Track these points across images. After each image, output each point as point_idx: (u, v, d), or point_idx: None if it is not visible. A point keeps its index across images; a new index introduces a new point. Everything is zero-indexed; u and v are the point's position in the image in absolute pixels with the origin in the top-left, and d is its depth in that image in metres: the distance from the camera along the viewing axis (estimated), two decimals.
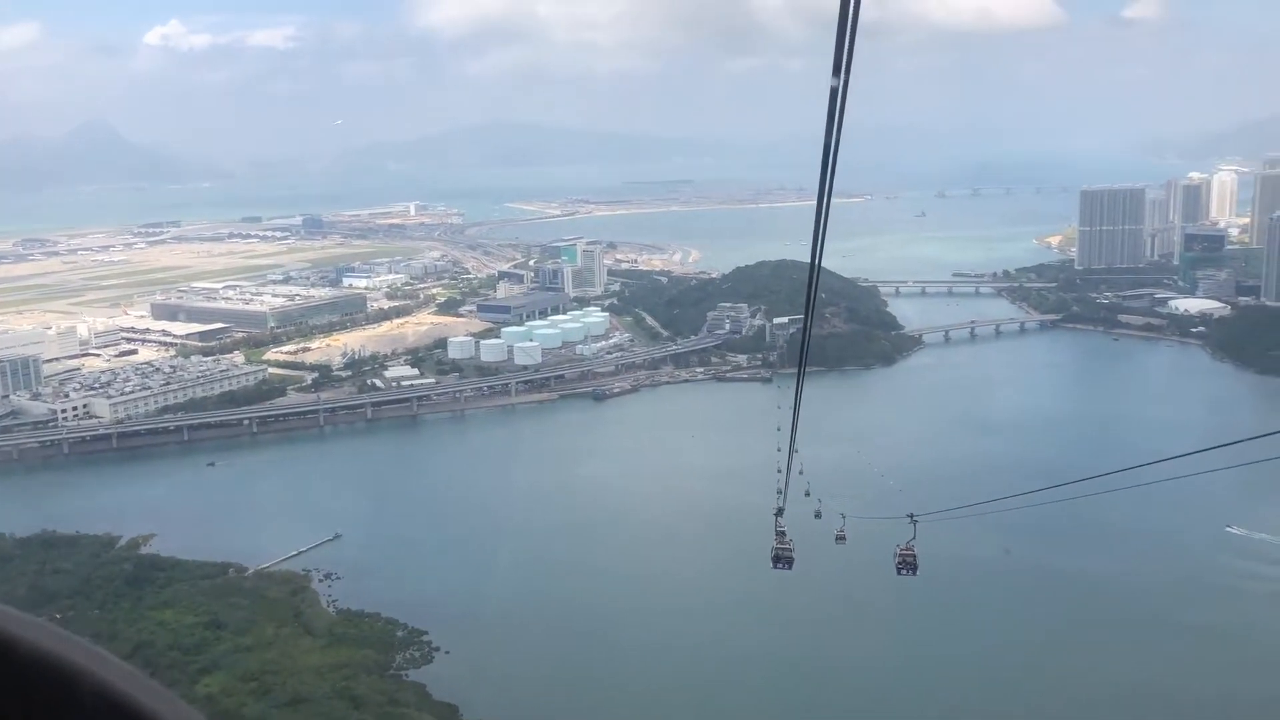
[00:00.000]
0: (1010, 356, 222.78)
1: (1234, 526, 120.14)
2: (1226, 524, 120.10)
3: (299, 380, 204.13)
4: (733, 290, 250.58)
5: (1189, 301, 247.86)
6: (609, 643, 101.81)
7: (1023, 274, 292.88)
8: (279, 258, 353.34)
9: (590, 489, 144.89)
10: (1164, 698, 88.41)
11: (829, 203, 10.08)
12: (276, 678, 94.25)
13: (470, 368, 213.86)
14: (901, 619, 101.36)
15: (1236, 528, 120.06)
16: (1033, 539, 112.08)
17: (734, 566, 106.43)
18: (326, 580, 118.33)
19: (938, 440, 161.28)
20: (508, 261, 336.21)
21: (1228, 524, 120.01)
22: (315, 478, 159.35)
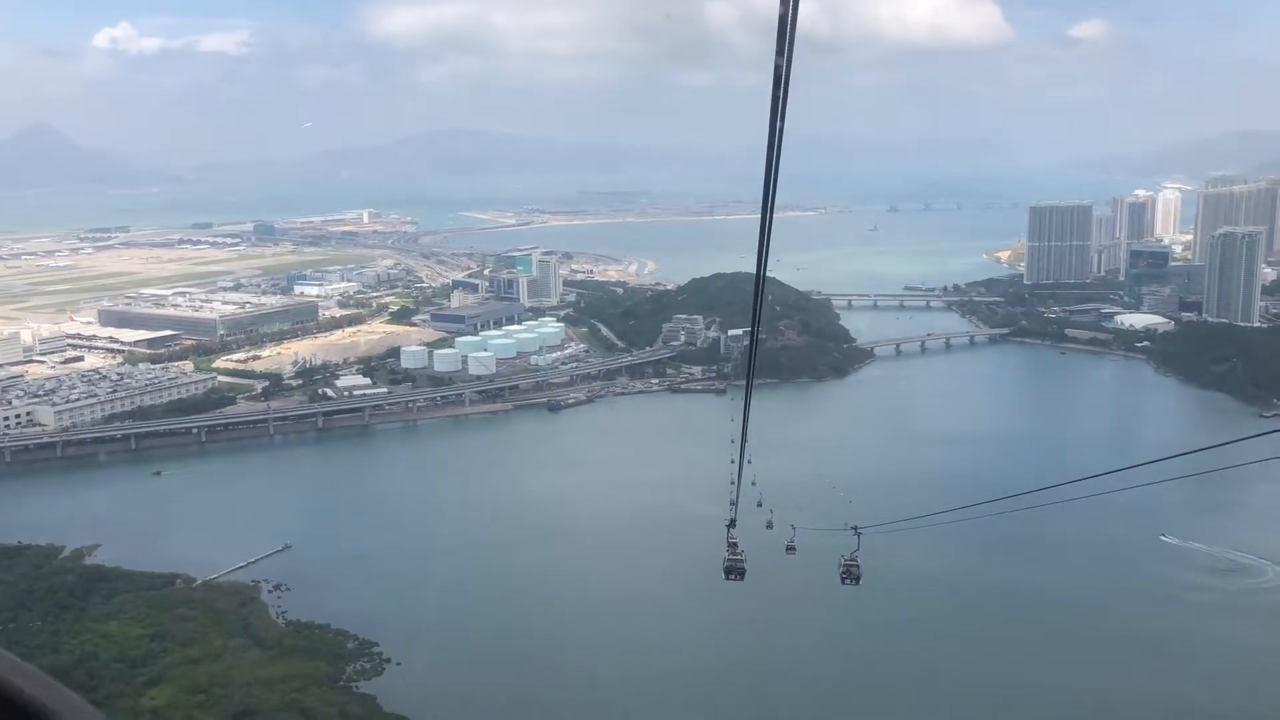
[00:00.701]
0: (959, 370, 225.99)
1: (1168, 535, 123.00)
2: (1160, 533, 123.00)
3: (249, 389, 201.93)
4: (688, 302, 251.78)
5: (1134, 317, 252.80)
6: (560, 654, 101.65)
7: (973, 288, 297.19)
8: (230, 264, 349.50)
9: (544, 500, 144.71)
10: (1095, 707, 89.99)
11: (772, 216, 10.19)
12: (225, 690, 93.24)
13: (424, 377, 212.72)
14: (844, 628, 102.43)
15: (1170, 536, 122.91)
16: (975, 550, 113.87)
17: (686, 577, 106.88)
18: (276, 591, 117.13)
19: (888, 452, 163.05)
20: (462, 271, 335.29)
21: (1161, 533, 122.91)
22: (265, 488, 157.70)
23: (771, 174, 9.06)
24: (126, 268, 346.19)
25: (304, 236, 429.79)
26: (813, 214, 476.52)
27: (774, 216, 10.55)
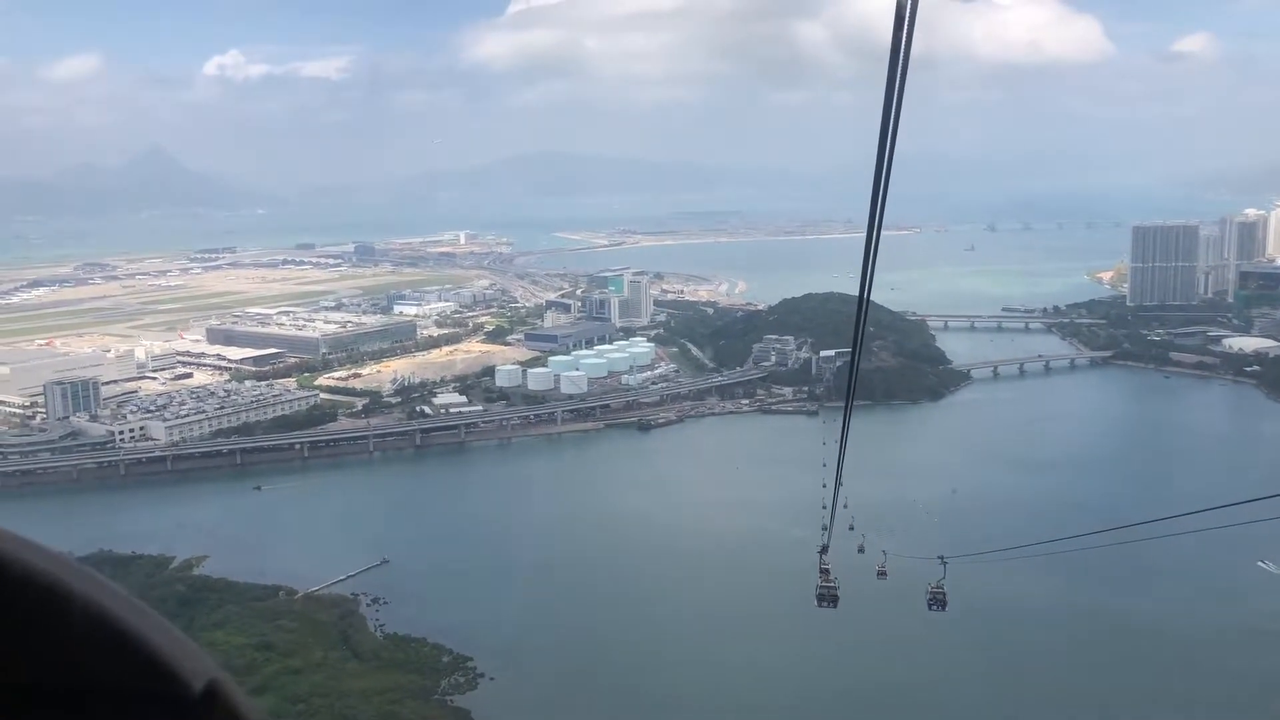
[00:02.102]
0: (1059, 393, 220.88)
1: (1265, 562, 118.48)
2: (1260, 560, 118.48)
3: (349, 406, 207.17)
4: (779, 322, 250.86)
5: (1243, 340, 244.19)
6: (651, 674, 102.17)
7: (1073, 310, 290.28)
8: (331, 284, 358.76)
9: (635, 520, 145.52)
10: None
11: (879, 235, 10.03)
12: (324, 700, 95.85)
13: (517, 396, 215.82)
14: (933, 653, 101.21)
15: (1268, 563, 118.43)
16: (1075, 578, 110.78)
17: (778, 602, 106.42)
18: (374, 604, 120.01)
19: (983, 477, 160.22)
20: (555, 291, 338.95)
21: (1260, 560, 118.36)
22: (364, 503, 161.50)
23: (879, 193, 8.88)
24: (233, 287, 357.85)
25: (402, 257, 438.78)
26: (908, 233, 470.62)
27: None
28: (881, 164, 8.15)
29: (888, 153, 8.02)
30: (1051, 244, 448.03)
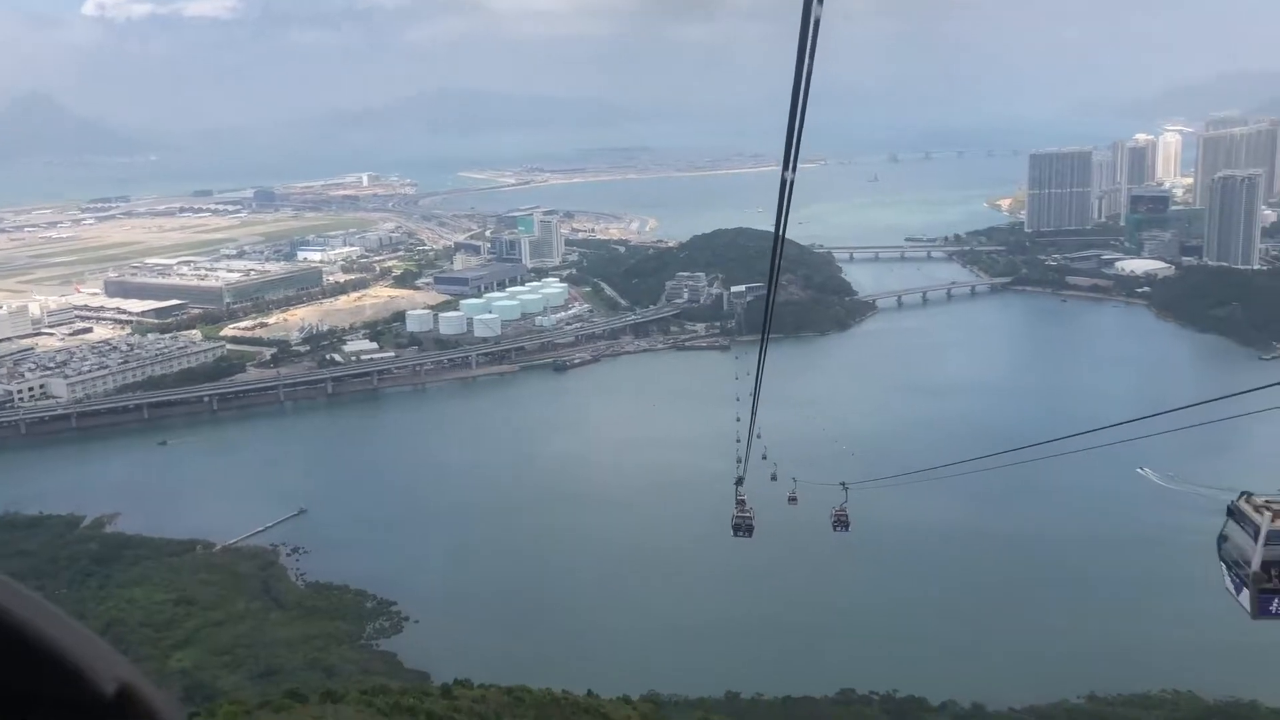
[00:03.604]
0: (961, 320, 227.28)
1: (1144, 469, 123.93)
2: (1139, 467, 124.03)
3: (257, 356, 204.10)
4: (690, 259, 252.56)
5: (1135, 262, 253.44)
6: (573, 610, 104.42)
7: (973, 237, 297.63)
8: (232, 232, 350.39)
9: (553, 460, 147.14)
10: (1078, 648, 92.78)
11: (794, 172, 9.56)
12: (249, 650, 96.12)
13: (429, 341, 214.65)
14: (839, 574, 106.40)
15: (1146, 470, 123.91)
16: (970, 498, 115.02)
17: (694, 534, 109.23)
18: (294, 554, 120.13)
19: (889, 404, 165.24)
20: (463, 232, 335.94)
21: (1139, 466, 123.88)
22: (278, 454, 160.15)
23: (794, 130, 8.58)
24: (129, 238, 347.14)
25: (304, 202, 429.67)
26: (813, 165, 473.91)
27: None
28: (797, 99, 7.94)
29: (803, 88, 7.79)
30: (952, 173, 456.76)
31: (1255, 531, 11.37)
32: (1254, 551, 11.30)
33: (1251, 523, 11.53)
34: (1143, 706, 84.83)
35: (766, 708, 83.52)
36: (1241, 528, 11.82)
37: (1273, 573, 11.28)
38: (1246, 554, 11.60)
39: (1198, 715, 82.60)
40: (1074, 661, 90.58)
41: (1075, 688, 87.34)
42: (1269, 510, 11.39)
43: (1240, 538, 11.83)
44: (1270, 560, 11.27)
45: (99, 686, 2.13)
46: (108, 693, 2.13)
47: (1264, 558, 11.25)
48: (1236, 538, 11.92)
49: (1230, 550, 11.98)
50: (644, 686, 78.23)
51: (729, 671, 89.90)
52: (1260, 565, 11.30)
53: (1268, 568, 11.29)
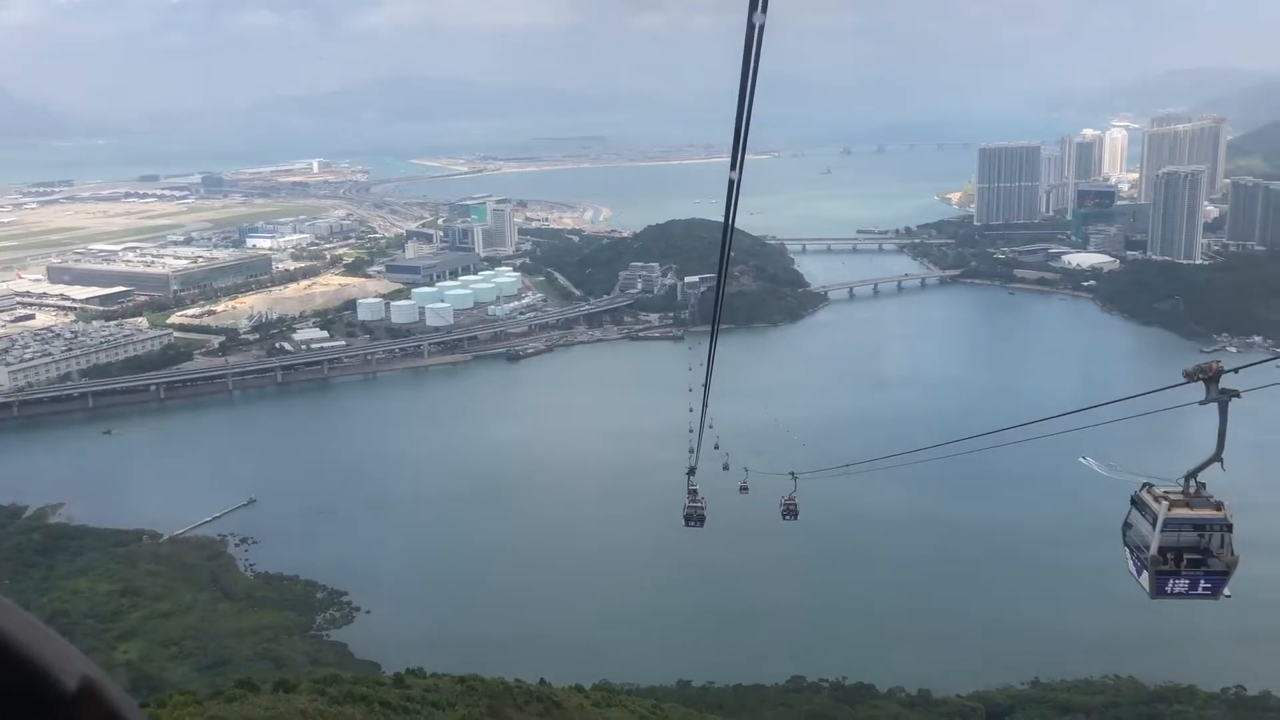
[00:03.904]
0: (911, 312, 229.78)
1: (1085, 458, 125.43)
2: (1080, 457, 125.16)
3: (205, 344, 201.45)
4: (644, 249, 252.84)
5: (1081, 256, 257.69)
6: (524, 600, 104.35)
7: (924, 230, 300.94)
8: (179, 218, 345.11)
9: (505, 450, 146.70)
10: (1016, 631, 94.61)
11: (743, 163, 9.75)
12: (197, 642, 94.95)
13: (381, 329, 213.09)
14: (789, 560, 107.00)
15: (1088, 459, 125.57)
16: (920, 488, 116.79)
17: (646, 524, 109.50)
18: (243, 545, 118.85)
19: (839, 395, 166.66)
20: (415, 220, 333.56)
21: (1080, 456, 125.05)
22: (226, 443, 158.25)
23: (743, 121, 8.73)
24: (73, 223, 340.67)
25: (253, 188, 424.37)
26: (766, 157, 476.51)
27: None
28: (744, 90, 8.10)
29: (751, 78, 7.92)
30: (903, 166, 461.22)
31: (1154, 519, 12.50)
32: (1152, 537, 12.42)
33: (1151, 511, 12.68)
34: (1085, 692, 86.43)
35: (717, 696, 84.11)
36: (1143, 516, 12.95)
37: (1168, 556, 12.45)
38: (1146, 539, 12.71)
39: (1139, 700, 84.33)
40: (1019, 647, 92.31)
41: (1020, 673, 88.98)
42: (1166, 500, 12.51)
43: (1141, 525, 12.94)
44: (1166, 545, 12.43)
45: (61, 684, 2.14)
46: (69, 689, 2.15)
47: (1160, 543, 12.36)
48: (1138, 525, 13.03)
49: (1133, 536, 13.15)
50: (596, 675, 78.48)
51: (680, 660, 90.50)
52: (1158, 549, 12.43)
53: (1164, 552, 12.46)
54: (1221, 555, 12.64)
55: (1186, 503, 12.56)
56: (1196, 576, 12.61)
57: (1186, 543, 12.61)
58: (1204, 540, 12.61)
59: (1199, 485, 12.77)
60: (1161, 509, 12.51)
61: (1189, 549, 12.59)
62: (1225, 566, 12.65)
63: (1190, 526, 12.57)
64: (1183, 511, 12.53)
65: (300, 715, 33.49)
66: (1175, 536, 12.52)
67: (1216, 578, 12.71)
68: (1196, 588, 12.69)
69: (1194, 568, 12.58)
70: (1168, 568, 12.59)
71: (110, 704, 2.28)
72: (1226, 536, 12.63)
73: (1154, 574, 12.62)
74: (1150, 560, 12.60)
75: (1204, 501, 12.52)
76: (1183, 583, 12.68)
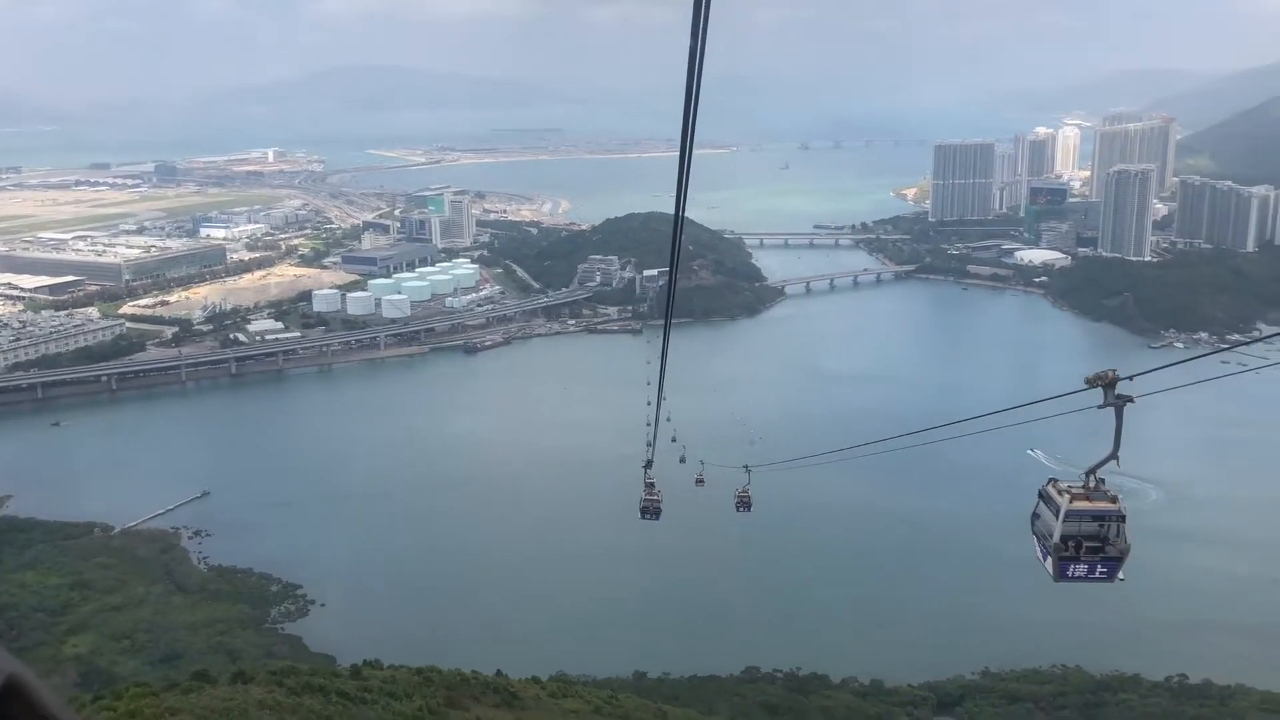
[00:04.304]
0: (866, 307, 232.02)
1: (1034, 450, 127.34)
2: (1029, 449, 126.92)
3: (158, 335, 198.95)
4: (603, 242, 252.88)
5: (1033, 252, 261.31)
6: (479, 594, 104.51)
7: (880, 226, 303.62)
8: (131, 206, 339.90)
9: (462, 443, 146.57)
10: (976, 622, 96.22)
11: (690, 158, 10.21)
12: (149, 635, 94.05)
13: (337, 321, 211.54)
14: (744, 552, 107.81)
15: (1036, 451, 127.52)
16: (875, 481, 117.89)
17: (602, 517, 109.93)
18: (196, 537, 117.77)
19: (796, 389, 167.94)
20: (372, 211, 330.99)
21: (1029, 449, 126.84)
22: (180, 434, 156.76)
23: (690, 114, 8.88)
24: (20, 210, 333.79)
25: (207, 177, 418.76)
26: (724, 152, 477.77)
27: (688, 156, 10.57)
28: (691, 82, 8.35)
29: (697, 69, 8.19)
30: (860, 162, 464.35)
31: (1057, 511, 13.75)
32: (1056, 527, 13.72)
33: (1055, 504, 13.95)
34: (1034, 681, 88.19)
35: (673, 687, 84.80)
36: (1048, 508, 14.20)
37: (1069, 544, 13.72)
38: (1051, 529, 13.98)
39: (1085, 689, 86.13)
40: (969, 637, 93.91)
41: (970, 663, 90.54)
42: (1068, 494, 13.81)
43: (1047, 515, 14.20)
44: (1068, 534, 13.72)
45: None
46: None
47: (1063, 532, 13.68)
48: (1044, 516, 14.28)
49: (1040, 526, 14.39)
50: (552, 667, 78.88)
51: (636, 652, 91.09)
52: (1060, 538, 13.74)
53: (1066, 540, 13.74)
54: (1117, 543, 13.87)
55: (1086, 496, 13.82)
56: (1094, 562, 13.87)
57: (1086, 532, 13.83)
58: (1102, 530, 13.85)
59: (1098, 480, 14.01)
60: (1064, 502, 13.74)
61: (1088, 537, 13.82)
62: (1119, 553, 13.89)
63: (1090, 517, 13.79)
64: (1083, 504, 13.77)
65: (258, 706, 33.57)
66: (1076, 526, 13.73)
67: (1112, 563, 13.96)
68: (1094, 572, 13.91)
69: (1092, 554, 13.83)
70: (1069, 554, 13.80)
71: (36, 702, 2.23)
72: (1121, 526, 13.91)
73: (1057, 559, 13.85)
74: (1054, 547, 13.82)
75: (1102, 495, 13.81)
76: (1082, 567, 13.93)
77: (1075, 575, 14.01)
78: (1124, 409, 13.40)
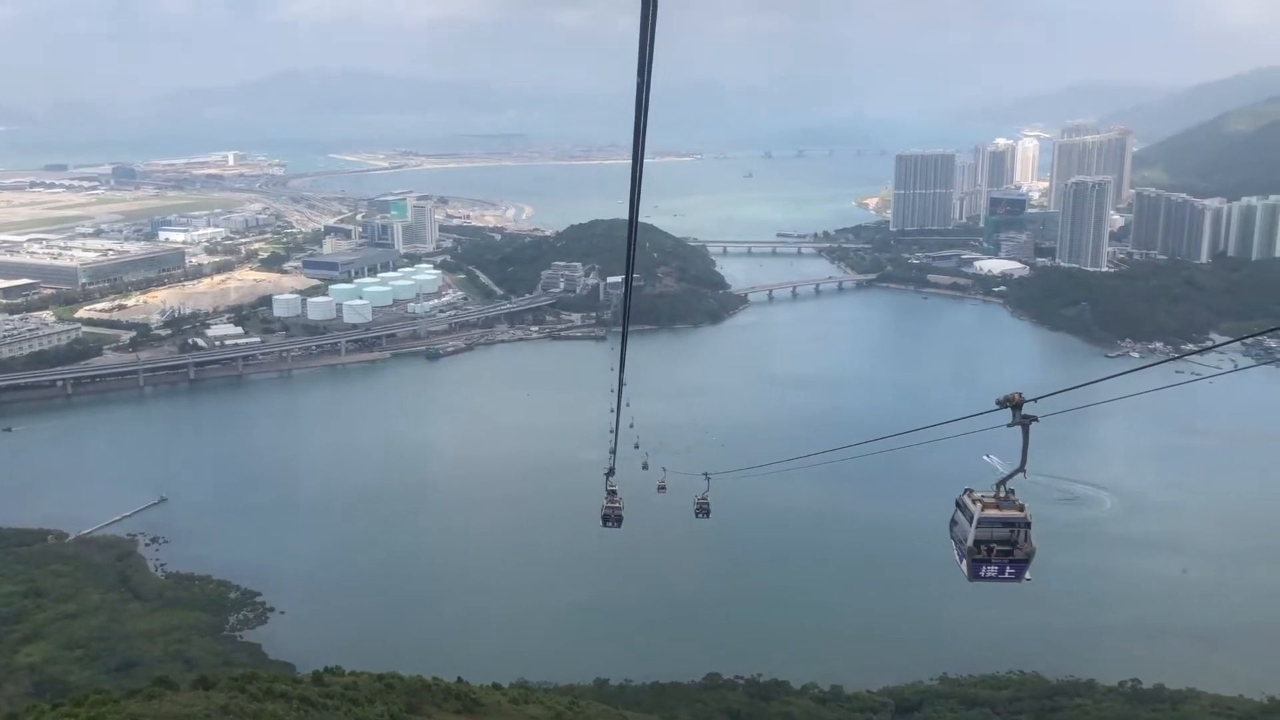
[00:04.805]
0: (828, 315, 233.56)
1: (989, 456, 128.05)
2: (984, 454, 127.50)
3: (115, 339, 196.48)
4: (566, 249, 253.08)
5: (992, 262, 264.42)
6: (439, 601, 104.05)
7: (842, 235, 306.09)
8: (88, 209, 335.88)
9: (424, 450, 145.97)
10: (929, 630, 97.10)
11: (642, 163, 10.58)
12: (104, 644, 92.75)
13: (297, 326, 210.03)
14: (706, 559, 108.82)
15: (991, 457, 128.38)
16: (826, 486, 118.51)
17: (564, 525, 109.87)
18: (154, 544, 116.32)
19: (759, 395, 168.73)
20: (334, 215, 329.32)
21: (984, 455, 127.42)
22: (137, 440, 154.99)
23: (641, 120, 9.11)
24: None
25: (166, 180, 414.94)
26: (688, 159, 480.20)
27: (649, 162, 10.85)
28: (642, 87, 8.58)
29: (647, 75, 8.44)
30: (823, 171, 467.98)
31: (971, 518, 15.05)
32: (970, 532, 15.00)
33: (969, 511, 15.19)
34: (991, 687, 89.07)
35: (635, 693, 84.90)
36: (963, 515, 15.42)
37: (982, 548, 14.97)
38: (966, 533, 15.21)
39: (1041, 694, 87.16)
40: (928, 643, 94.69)
41: (929, 669, 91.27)
42: (981, 503, 15.07)
43: (962, 522, 15.42)
44: (981, 539, 14.97)
45: None
46: None
47: (976, 537, 14.95)
48: (960, 522, 15.53)
49: (957, 531, 15.62)
50: (513, 675, 78.65)
51: (598, 659, 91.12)
52: (973, 542, 15.00)
53: (979, 544, 14.99)
54: (1024, 547, 15.12)
55: (997, 505, 15.10)
56: (1004, 564, 15.14)
57: (998, 537, 15.07)
58: (1011, 535, 15.10)
59: (1008, 491, 15.29)
60: (977, 510, 15.03)
61: (999, 542, 15.06)
62: (1026, 555, 15.12)
63: (1000, 524, 15.04)
64: (993, 512, 15.05)
65: (221, 712, 33.40)
66: (989, 532, 14.98)
67: (1020, 564, 15.22)
68: (1004, 572, 15.17)
69: (1002, 556, 15.10)
70: (981, 556, 15.07)
71: None
72: (1027, 532, 15.11)
73: (970, 561, 15.11)
74: (968, 550, 15.07)
75: (1011, 504, 15.13)
76: (993, 568, 15.17)
77: (987, 575, 15.19)
78: (1029, 427, 14.25)
